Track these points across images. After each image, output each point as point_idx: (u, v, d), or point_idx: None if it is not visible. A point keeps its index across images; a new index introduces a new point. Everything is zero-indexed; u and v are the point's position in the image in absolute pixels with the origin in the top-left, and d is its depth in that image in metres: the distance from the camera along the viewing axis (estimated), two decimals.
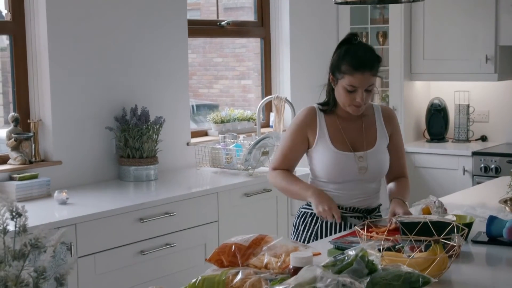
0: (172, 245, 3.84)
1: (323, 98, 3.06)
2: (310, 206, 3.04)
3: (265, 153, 4.54)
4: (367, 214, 2.99)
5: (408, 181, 3.12)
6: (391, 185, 3.08)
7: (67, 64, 4.11)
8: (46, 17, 3.99)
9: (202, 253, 3.99)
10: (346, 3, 2.79)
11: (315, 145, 2.97)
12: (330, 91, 2.99)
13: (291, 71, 5.56)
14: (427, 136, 5.94)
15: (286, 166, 3.05)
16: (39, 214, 3.52)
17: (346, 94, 2.89)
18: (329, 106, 3.00)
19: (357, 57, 2.86)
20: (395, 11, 5.73)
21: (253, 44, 5.74)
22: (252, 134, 5.14)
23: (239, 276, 2.01)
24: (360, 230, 2.31)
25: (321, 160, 2.96)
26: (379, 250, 2.08)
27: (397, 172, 3.10)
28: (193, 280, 2.05)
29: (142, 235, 3.72)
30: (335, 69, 2.91)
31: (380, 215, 3.06)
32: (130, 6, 4.42)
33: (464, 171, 5.37)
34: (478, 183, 4.97)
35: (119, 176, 4.35)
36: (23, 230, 1.52)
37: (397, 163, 3.09)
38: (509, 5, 5.29)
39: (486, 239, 2.67)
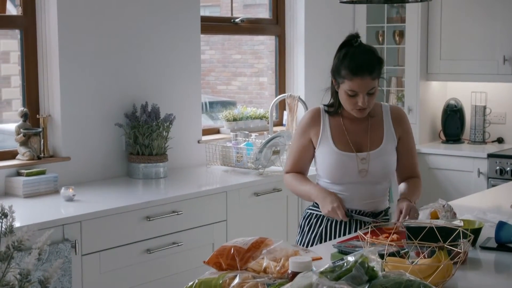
0: (179, 244, 3.80)
1: (326, 99, 3.02)
2: (316, 207, 3.01)
3: (276, 152, 4.49)
4: (374, 217, 2.93)
5: (420, 180, 3.06)
6: (401, 185, 3.02)
7: (77, 59, 4.08)
8: (56, 12, 3.96)
9: (209, 252, 3.88)
10: (352, 2, 2.72)
11: (318, 146, 2.94)
12: (335, 93, 2.94)
13: (305, 70, 5.50)
14: (443, 137, 5.85)
15: (298, 169, 3.03)
16: (45, 210, 3.51)
17: (348, 98, 2.84)
18: (334, 107, 2.96)
19: (355, 62, 2.78)
20: (412, 10, 5.65)
21: (269, 42, 5.69)
22: (264, 132, 5.10)
23: (236, 280, 1.96)
24: (363, 235, 2.26)
25: (323, 160, 2.93)
26: (381, 256, 2.03)
27: (409, 172, 3.04)
28: (190, 283, 2.02)
29: (148, 233, 3.68)
30: (335, 73, 2.85)
31: (388, 219, 3.00)
32: (141, 2, 4.39)
33: (479, 173, 5.29)
34: (493, 185, 4.90)
35: (128, 173, 4.32)
36: (9, 231, 1.48)
37: (409, 164, 3.04)
38: None
39: (495, 245, 2.61)
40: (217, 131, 5.20)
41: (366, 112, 2.88)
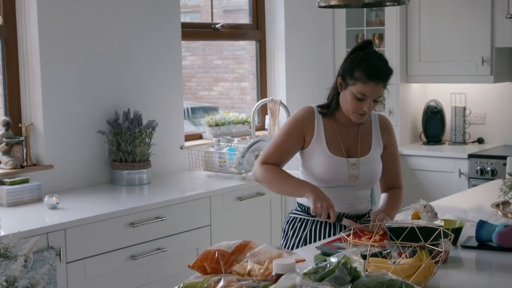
0: (164, 249, 3.82)
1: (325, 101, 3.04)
2: (299, 211, 3.03)
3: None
4: (357, 220, 2.96)
5: (402, 192, 3.10)
6: (383, 198, 3.06)
7: (58, 67, 4.09)
8: (37, 20, 3.97)
9: (194, 257, 3.87)
10: (330, 6, 2.76)
11: (311, 146, 2.94)
12: (335, 95, 2.96)
13: (286, 74, 5.54)
14: (424, 139, 5.91)
15: (277, 162, 2.96)
16: (29, 219, 3.51)
17: (354, 101, 2.85)
18: (329, 109, 2.97)
19: (373, 67, 2.82)
20: (391, 13, 5.70)
21: (250, 47, 5.72)
22: (247, 137, 5.11)
23: (221, 284, 1.99)
24: (346, 236, 2.28)
25: (314, 162, 2.93)
26: (364, 256, 2.06)
27: (392, 181, 3.09)
28: None
29: (133, 239, 3.69)
30: (347, 75, 2.86)
31: (370, 221, 3.03)
32: (123, 9, 4.40)
33: (460, 173, 5.34)
34: (474, 185, 4.95)
35: (111, 180, 4.32)
36: None
37: (392, 173, 3.08)
38: (505, 7, 5.27)
39: (475, 244, 2.65)
40: (199, 136, 5.21)
41: (365, 118, 2.91)
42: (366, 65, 2.82)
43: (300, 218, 3.02)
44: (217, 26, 5.24)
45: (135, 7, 4.47)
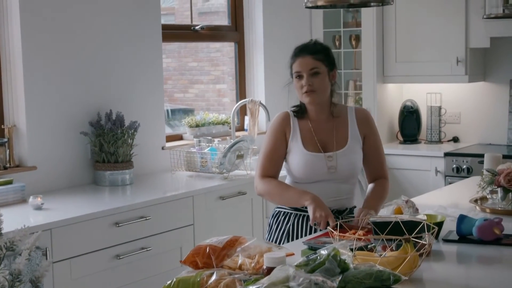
0: (148, 249, 3.85)
1: (292, 97, 3.20)
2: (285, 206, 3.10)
3: (240, 156, 4.56)
4: (339, 215, 3.03)
5: (387, 182, 3.18)
6: (369, 190, 3.13)
7: (41, 69, 4.11)
8: (19, 21, 3.98)
9: (177, 256, 4.00)
10: (317, 7, 2.84)
11: (289, 145, 3.06)
12: None
13: (265, 75, 5.60)
14: (400, 138, 6.00)
15: (273, 170, 3.08)
16: (14, 219, 3.50)
17: (296, 83, 3.04)
18: (300, 108, 3.10)
19: (299, 46, 3.08)
20: (367, 14, 5.78)
21: (227, 49, 5.77)
22: (227, 137, 5.17)
23: (213, 277, 2.04)
24: (332, 230, 2.35)
25: (293, 161, 3.04)
26: (351, 249, 2.12)
27: (377, 172, 3.17)
28: (168, 282, 2.08)
29: (117, 239, 3.73)
30: (290, 65, 3.09)
31: (353, 216, 3.10)
32: (104, 11, 4.43)
33: (437, 171, 5.44)
34: (450, 183, 5.04)
35: (94, 181, 4.35)
36: None
37: (376, 164, 3.16)
38: (479, 8, 5.38)
39: (456, 237, 2.73)
40: (180, 137, 5.25)
41: (316, 97, 3.02)
42: (295, 48, 3.09)
43: (284, 212, 3.10)
44: (196, 28, 5.28)
45: (116, 10, 4.50)
